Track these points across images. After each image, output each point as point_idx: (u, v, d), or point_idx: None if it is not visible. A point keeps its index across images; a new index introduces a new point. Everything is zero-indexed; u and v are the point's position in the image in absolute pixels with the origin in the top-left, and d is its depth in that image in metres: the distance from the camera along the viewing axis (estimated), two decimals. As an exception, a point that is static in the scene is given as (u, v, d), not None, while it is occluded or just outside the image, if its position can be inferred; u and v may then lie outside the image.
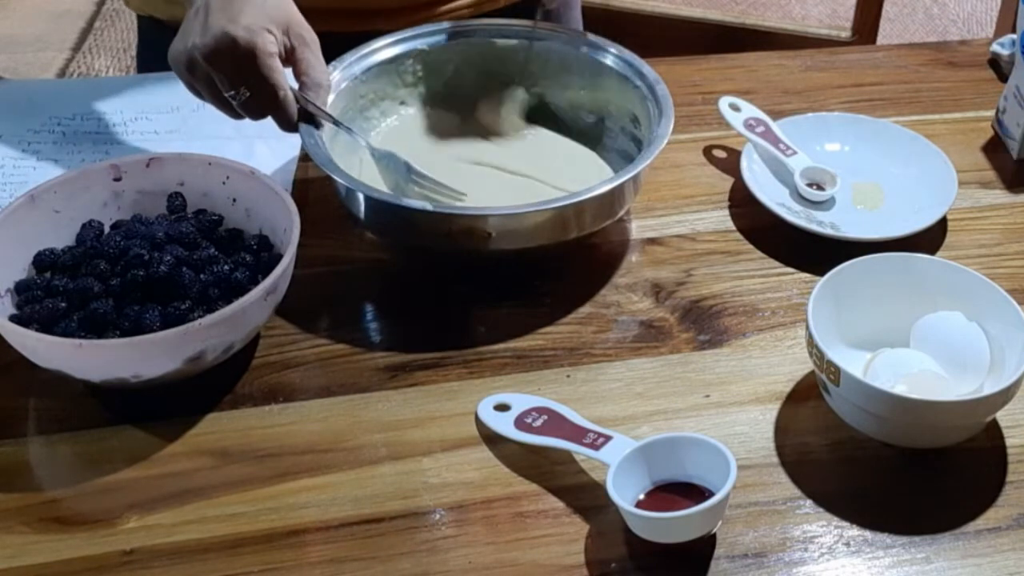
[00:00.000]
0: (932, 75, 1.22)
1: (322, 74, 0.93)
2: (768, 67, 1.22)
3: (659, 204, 1.03)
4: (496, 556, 0.74)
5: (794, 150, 1.05)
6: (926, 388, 0.81)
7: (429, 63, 1.06)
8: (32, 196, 0.88)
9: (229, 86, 0.89)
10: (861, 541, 0.76)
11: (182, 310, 0.82)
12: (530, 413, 0.81)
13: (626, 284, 0.95)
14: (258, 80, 0.88)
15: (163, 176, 0.92)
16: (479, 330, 0.90)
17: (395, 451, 0.81)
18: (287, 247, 0.84)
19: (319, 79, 0.93)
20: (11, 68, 2.53)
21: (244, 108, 0.90)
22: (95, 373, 0.81)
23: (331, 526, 0.76)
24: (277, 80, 0.89)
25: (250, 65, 0.87)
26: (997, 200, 1.05)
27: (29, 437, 0.82)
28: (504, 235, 0.91)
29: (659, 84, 0.99)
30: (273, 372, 0.87)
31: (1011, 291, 0.83)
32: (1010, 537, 0.76)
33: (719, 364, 0.88)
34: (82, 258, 0.86)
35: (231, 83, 0.89)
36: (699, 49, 1.07)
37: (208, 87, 0.90)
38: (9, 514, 0.77)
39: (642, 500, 0.75)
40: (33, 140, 1.07)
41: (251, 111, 0.91)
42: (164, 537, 0.75)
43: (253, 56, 0.87)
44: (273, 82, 0.89)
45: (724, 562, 0.74)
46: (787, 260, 0.97)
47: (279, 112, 0.91)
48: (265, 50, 0.87)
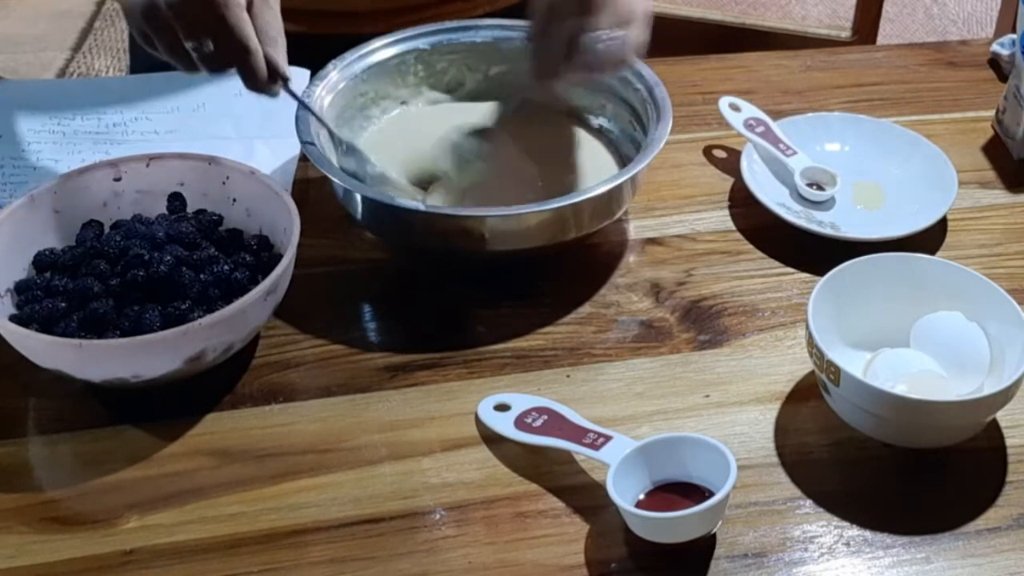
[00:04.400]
0: (932, 75, 1.22)
1: (278, 31, 0.89)
2: (768, 67, 1.22)
3: (659, 204, 1.03)
4: (496, 556, 0.74)
5: (794, 150, 1.05)
6: (926, 388, 0.81)
7: (430, 63, 1.06)
8: (32, 196, 0.88)
9: (190, 36, 0.84)
10: (861, 541, 0.76)
11: (182, 310, 0.82)
12: (530, 413, 0.81)
13: (626, 284, 0.95)
14: (224, 31, 0.84)
15: (163, 176, 0.92)
16: (479, 330, 0.90)
17: (395, 451, 0.81)
18: (287, 247, 0.84)
19: (275, 35, 0.89)
20: (11, 68, 2.53)
21: (205, 60, 0.86)
22: (95, 373, 0.81)
23: (331, 526, 0.76)
24: (247, 32, 0.85)
25: (220, 16, 0.83)
26: (997, 200, 1.05)
27: (29, 437, 0.82)
28: (501, 236, 0.91)
29: (658, 86, 0.99)
30: (273, 372, 0.87)
31: (1011, 291, 0.83)
32: (1010, 537, 0.76)
33: (719, 364, 0.88)
34: (82, 258, 0.86)
35: (194, 34, 0.84)
36: (699, 49, 1.07)
37: (167, 37, 0.85)
38: (9, 514, 0.77)
39: (642, 500, 0.75)
40: (33, 140, 1.07)
41: (213, 63, 0.86)
42: (164, 537, 0.75)
43: (224, 6, 0.83)
44: (242, 34, 0.84)
45: (724, 562, 0.74)
46: (787, 260, 0.97)
47: (246, 67, 0.86)
48: (235, 1, 0.83)
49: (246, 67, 0.87)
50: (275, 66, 0.88)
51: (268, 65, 0.87)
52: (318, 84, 0.99)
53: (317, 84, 0.99)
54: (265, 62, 0.87)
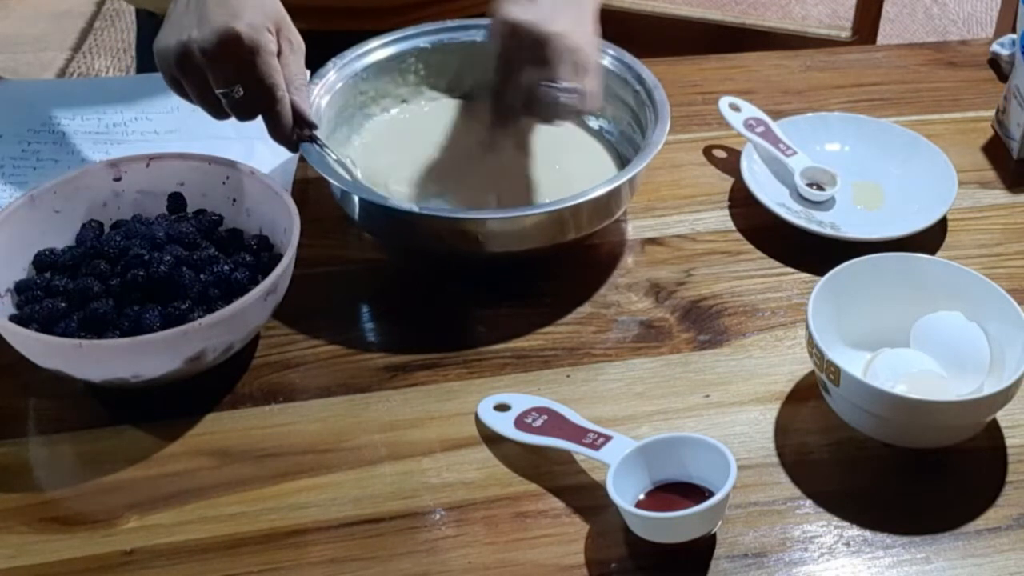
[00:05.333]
0: (932, 75, 1.22)
1: (304, 79, 0.92)
2: (768, 67, 1.22)
3: (659, 204, 1.03)
4: (496, 556, 0.74)
5: (794, 150, 1.05)
6: (926, 388, 0.81)
7: (431, 62, 1.06)
8: (32, 196, 0.88)
9: (223, 83, 0.86)
10: (861, 541, 0.76)
11: (182, 310, 0.82)
12: (530, 413, 0.81)
13: (626, 284, 0.95)
14: (256, 79, 0.86)
15: (163, 176, 0.92)
16: (479, 330, 0.90)
17: (395, 451, 0.81)
18: (287, 247, 0.84)
19: (301, 84, 0.91)
20: (11, 68, 2.53)
21: (234, 107, 0.88)
22: (95, 373, 0.81)
23: (331, 526, 0.76)
24: (276, 80, 0.87)
25: (251, 62, 0.85)
26: (997, 200, 1.05)
27: (29, 437, 0.82)
28: (497, 238, 0.91)
29: (657, 88, 0.99)
30: (273, 372, 0.87)
31: (1011, 291, 0.83)
32: (1010, 537, 0.76)
33: (719, 364, 0.88)
34: (82, 258, 0.86)
35: (226, 80, 0.86)
36: (699, 49, 1.07)
37: (198, 84, 0.87)
38: (9, 514, 0.77)
39: (642, 500, 0.75)
40: (33, 140, 1.07)
41: (242, 111, 0.88)
42: (164, 537, 0.75)
43: (255, 54, 0.85)
44: (272, 82, 0.87)
45: (724, 562, 0.74)
46: (787, 260, 0.97)
47: (274, 114, 0.88)
48: (268, 49, 0.86)
49: (273, 114, 0.89)
50: (301, 114, 0.90)
51: (294, 112, 0.89)
52: (317, 82, 0.99)
53: (316, 82, 0.99)
54: (291, 109, 0.89)
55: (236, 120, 0.90)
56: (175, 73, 0.88)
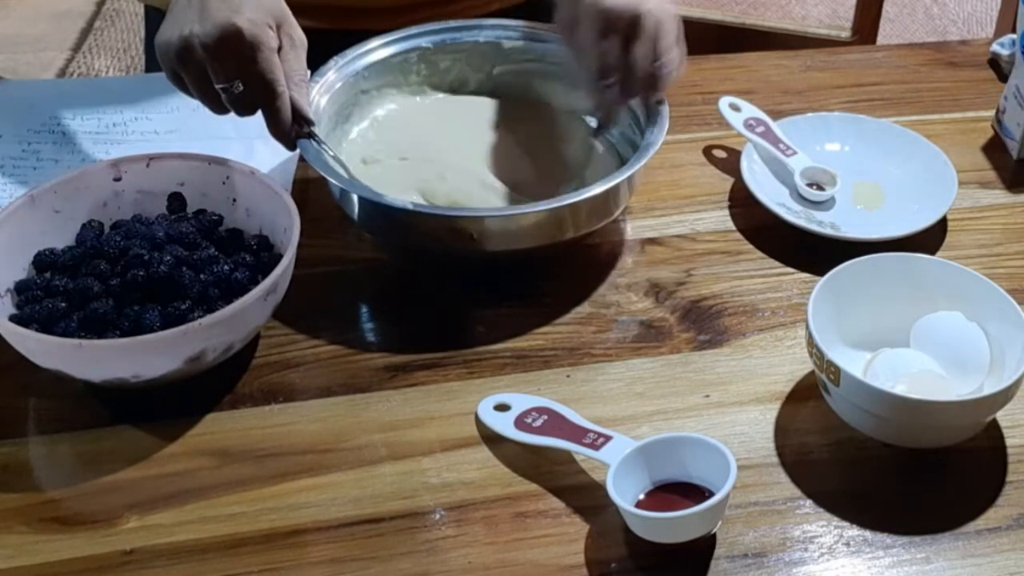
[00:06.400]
0: (932, 75, 1.22)
1: (304, 75, 0.92)
2: (768, 67, 1.22)
3: (659, 204, 1.03)
4: (496, 556, 0.74)
5: (794, 150, 1.05)
6: (926, 388, 0.81)
7: (432, 61, 1.06)
8: (32, 196, 0.88)
9: (223, 78, 0.87)
10: (861, 541, 0.76)
11: (182, 310, 0.82)
12: (530, 413, 0.81)
13: (626, 284, 0.95)
14: (256, 75, 0.87)
15: (163, 176, 0.92)
16: (479, 330, 0.90)
17: (395, 451, 0.81)
18: (287, 247, 0.84)
19: (300, 80, 0.91)
20: (11, 68, 2.53)
21: (234, 102, 0.88)
22: (95, 373, 0.81)
23: (331, 526, 0.76)
24: (276, 76, 0.87)
25: (251, 58, 0.86)
26: (997, 200, 1.05)
27: (29, 437, 0.82)
28: (495, 236, 0.91)
29: None
30: (273, 372, 0.87)
31: (1011, 291, 0.83)
32: (1010, 537, 0.76)
33: (719, 364, 0.88)
34: (82, 258, 0.86)
35: (226, 75, 0.87)
36: (699, 49, 1.06)
37: (198, 78, 0.88)
38: (9, 514, 0.77)
39: (642, 500, 0.75)
40: (33, 140, 1.07)
41: (241, 106, 0.89)
42: (164, 537, 0.75)
43: (256, 49, 0.86)
44: (272, 78, 0.87)
45: (724, 562, 0.74)
46: (787, 260, 0.97)
47: (273, 110, 0.89)
48: (268, 44, 0.86)
49: (273, 110, 0.89)
50: (299, 110, 0.90)
51: (292, 108, 0.90)
52: (317, 81, 0.99)
53: (316, 81, 0.99)
54: (290, 105, 0.89)
55: (235, 115, 0.90)
56: (176, 67, 0.88)
